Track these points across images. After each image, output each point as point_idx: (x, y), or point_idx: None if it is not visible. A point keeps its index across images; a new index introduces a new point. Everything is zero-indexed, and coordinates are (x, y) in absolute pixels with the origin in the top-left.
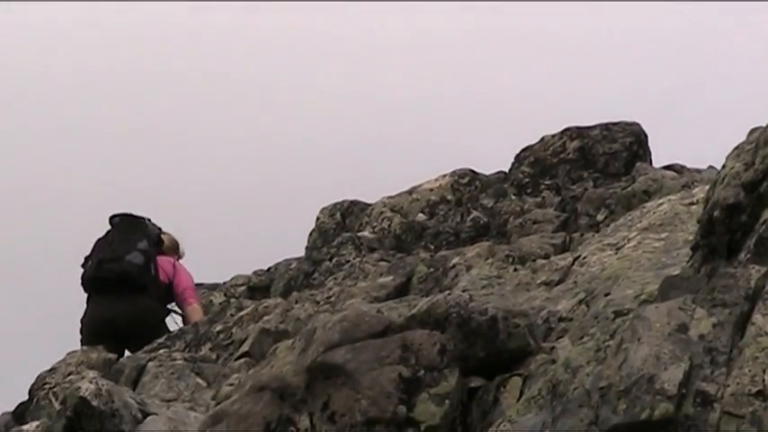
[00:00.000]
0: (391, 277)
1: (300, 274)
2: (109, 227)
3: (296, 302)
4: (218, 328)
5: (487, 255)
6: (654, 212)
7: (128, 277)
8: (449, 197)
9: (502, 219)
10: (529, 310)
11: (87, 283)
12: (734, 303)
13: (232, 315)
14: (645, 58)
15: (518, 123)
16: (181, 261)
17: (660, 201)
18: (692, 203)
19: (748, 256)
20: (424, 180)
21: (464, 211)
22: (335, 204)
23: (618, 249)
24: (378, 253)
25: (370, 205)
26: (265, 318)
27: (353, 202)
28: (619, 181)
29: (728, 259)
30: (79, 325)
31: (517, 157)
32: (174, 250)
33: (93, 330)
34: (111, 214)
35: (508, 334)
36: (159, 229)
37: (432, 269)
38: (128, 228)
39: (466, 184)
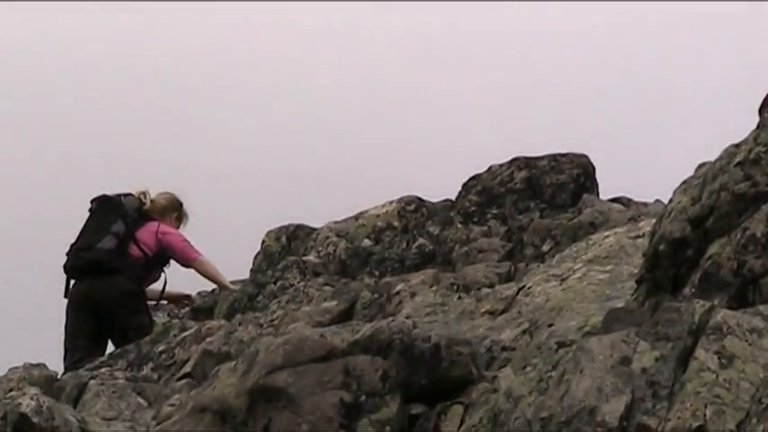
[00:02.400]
0: (335, 302)
1: (244, 297)
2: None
3: (239, 325)
4: (161, 348)
5: (432, 282)
6: (599, 245)
7: (99, 264)
8: (395, 224)
9: (447, 247)
10: (472, 338)
11: (67, 271)
12: (677, 337)
13: (175, 336)
14: (593, 91)
15: (466, 151)
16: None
17: (606, 233)
18: (638, 237)
19: (693, 290)
20: (370, 206)
21: (410, 238)
22: (281, 228)
23: (563, 280)
24: (322, 278)
25: (315, 230)
26: (208, 339)
27: (299, 227)
28: (565, 212)
29: (673, 293)
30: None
31: (464, 185)
32: (171, 209)
33: (75, 306)
34: (91, 198)
35: (451, 362)
36: (142, 197)
37: (376, 295)
38: (103, 211)
39: (412, 211)
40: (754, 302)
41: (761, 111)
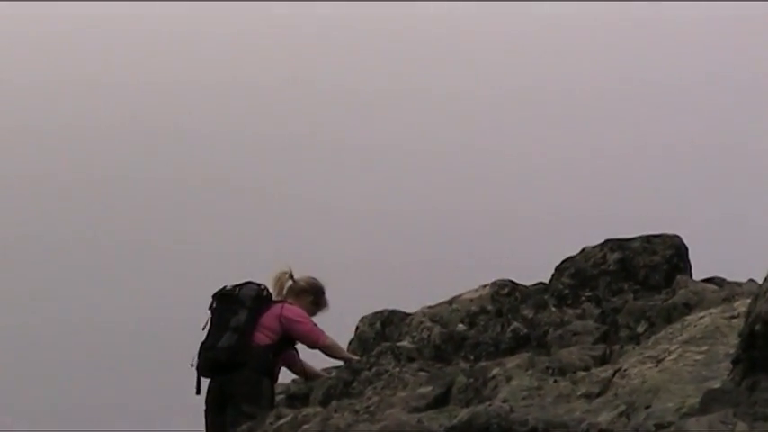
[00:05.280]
0: (431, 387)
1: (340, 383)
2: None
3: (335, 411)
4: None
5: (528, 366)
6: (695, 325)
7: (221, 364)
8: (489, 307)
9: (542, 330)
10: (569, 421)
11: (199, 372)
12: None
13: (271, 423)
14: (683, 169)
15: (559, 234)
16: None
17: (701, 314)
18: (733, 317)
19: None
20: (464, 290)
21: (504, 321)
22: (375, 314)
23: (659, 362)
24: (417, 363)
25: (409, 315)
26: (304, 426)
27: (393, 312)
28: (659, 293)
29: None
30: None
31: (558, 268)
32: (309, 293)
33: (209, 405)
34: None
35: None
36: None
37: (471, 379)
38: (222, 307)
39: (506, 295)
40: None
41: None
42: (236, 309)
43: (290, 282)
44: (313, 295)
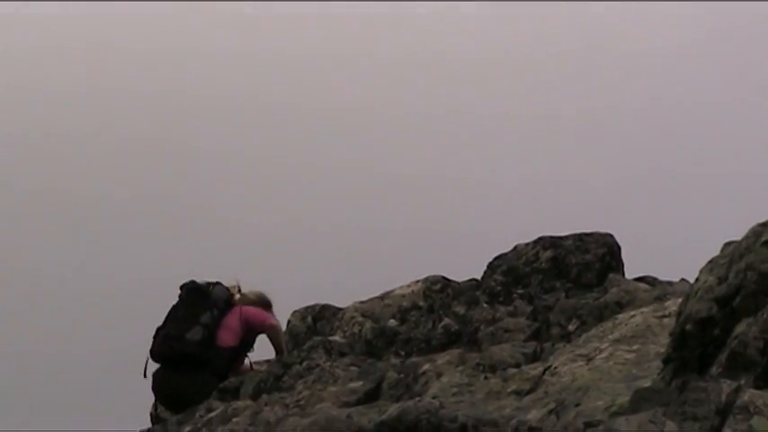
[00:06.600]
0: (361, 382)
1: (270, 377)
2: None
3: (265, 405)
4: (187, 429)
5: (458, 362)
6: (626, 324)
7: (187, 357)
8: (420, 303)
9: (473, 326)
10: (499, 418)
11: (154, 356)
12: (704, 417)
13: (201, 416)
14: (620, 166)
15: (491, 231)
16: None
17: (632, 313)
18: (665, 316)
19: (720, 370)
20: (396, 285)
21: (436, 317)
22: (307, 308)
23: (589, 360)
24: (348, 358)
25: (341, 310)
26: (234, 420)
27: (325, 306)
28: (591, 292)
29: (700, 373)
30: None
31: (490, 265)
32: (258, 305)
33: (158, 397)
34: (181, 283)
35: None
36: (233, 290)
37: (402, 375)
38: (193, 300)
39: (438, 291)
40: None
41: None
42: (208, 306)
43: (238, 295)
44: (261, 308)
